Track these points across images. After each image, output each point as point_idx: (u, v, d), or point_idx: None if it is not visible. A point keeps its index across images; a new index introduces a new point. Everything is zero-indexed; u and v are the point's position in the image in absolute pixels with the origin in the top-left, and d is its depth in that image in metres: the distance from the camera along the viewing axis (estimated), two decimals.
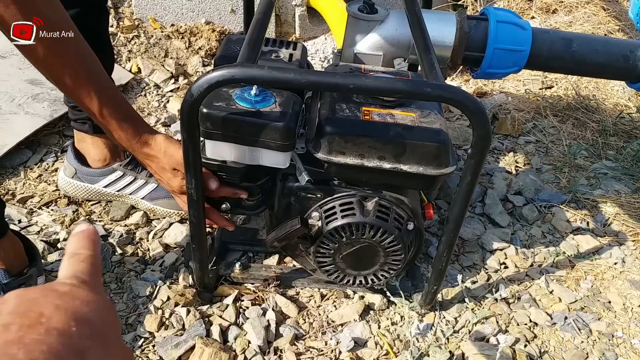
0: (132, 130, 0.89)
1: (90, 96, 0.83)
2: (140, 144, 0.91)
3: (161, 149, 0.91)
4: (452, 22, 1.16)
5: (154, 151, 0.92)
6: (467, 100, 0.77)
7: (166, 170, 0.92)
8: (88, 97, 0.83)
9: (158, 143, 0.92)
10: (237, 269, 1.10)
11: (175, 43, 1.89)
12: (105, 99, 0.85)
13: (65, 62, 0.80)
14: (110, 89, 0.88)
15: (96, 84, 0.84)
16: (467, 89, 1.92)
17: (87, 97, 0.83)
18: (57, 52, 0.78)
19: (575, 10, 2.29)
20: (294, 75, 0.76)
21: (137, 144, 0.90)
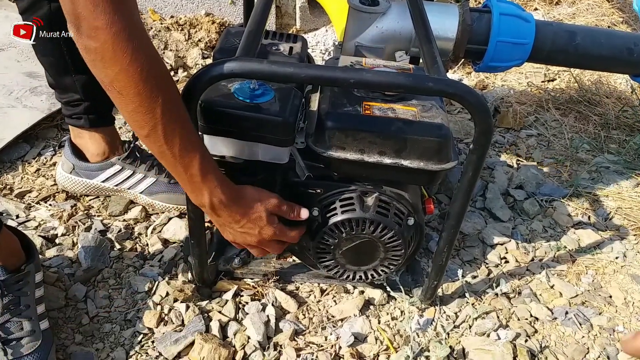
0: (227, 185, 0.82)
1: (193, 147, 0.76)
2: (235, 198, 0.83)
3: (255, 197, 0.86)
4: (455, 15, 1.15)
5: (248, 202, 0.85)
6: (470, 95, 0.76)
7: (262, 218, 0.86)
8: (190, 148, 0.76)
9: (250, 193, 0.86)
10: (236, 264, 1.10)
11: (174, 35, 1.88)
12: (205, 149, 0.79)
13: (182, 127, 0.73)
14: (202, 141, 0.81)
15: (197, 133, 0.78)
16: (468, 82, 1.90)
17: (189, 147, 0.75)
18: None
19: (578, 2, 2.27)
20: (293, 69, 0.75)
21: (231, 199, 0.82)
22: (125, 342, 0.99)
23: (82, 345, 0.97)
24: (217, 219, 0.86)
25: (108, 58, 0.65)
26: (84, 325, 1.00)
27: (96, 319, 1.02)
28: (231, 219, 0.85)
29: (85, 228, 1.19)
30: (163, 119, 0.71)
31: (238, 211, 0.85)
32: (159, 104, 0.70)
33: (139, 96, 0.68)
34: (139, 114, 0.70)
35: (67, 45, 1.06)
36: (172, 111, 0.72)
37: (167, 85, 0.72)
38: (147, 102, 0.69)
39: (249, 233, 0.88)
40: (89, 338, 0.99)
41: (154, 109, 0.70)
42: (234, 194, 0.83)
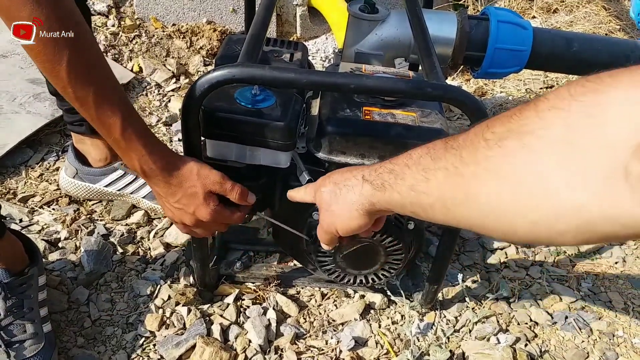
0: (159, 152, 0.77)
1: (112, 112, 0.71)
2: (168, 167, 0.78)
3: (193, 170, 0.79)
4: (453, 22, 1.16)
5: (185, 174, 0.79)
6: (468, 100, 0.77)
7: (198, 195, 0.80)
8: (109, 114, 0.71)
9: (188, 165, 0.80)
10: (237, 268, 1.10)
11: (176, 42, 1.90)
12: (127, 115, 0.74)
13: (87, 74, 0.69)
14: (129, 102, 0.76)
15: (118, 98, 0.73)
16: (467, 89, 1.92)
17: (108, 113, 0.71)
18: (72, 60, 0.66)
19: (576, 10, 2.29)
20: (294, 75, 0.76)
21: (162, 167, 0.77)
22: (127, 345, 0.99)
23: (84, 348, 0.98)
24: (155, 189, 0.81)
25: (4, 9, 0.61)
26: (86, 329, 1.01)
27: (98, 322, 1.03)
28: (166, 190, 0.79)
29: (88, 232, 1.20)
30: (70, 82, 0.66)
31: (172, 182, 0.78)
32: (63, 66, 0.65)
33: (40, 56, 0.64)
34: (46, 73, 0.67)
35: None
36: (81, 72, 0.67)
37: (75, 45, 0.66)
38: (50, 64, 0.65)
39: (184, 210, 0.81)
40: (91, 341, 0.99)
41: (58, 71, 0.65)
42: (167, 162, 0.78)
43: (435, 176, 0.50)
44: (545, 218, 0.41)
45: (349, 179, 0.65)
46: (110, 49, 1.81)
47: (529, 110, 0.42)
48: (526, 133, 0.41)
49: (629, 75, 0.36)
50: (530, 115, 0.41)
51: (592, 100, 0.37)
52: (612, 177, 0.35)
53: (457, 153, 0.48)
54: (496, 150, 0.43)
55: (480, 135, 0.45)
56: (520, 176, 0.41)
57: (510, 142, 0.42)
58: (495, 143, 0.43)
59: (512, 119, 0.43)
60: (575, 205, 0.38)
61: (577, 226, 0.39)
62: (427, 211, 0.52)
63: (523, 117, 0.42)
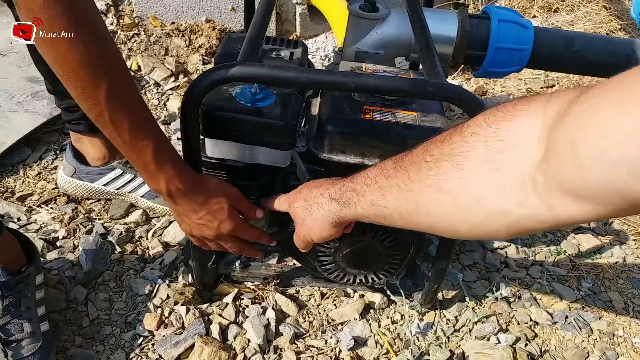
0: (186, 173, 0.78)
1: (145, 136, 0.72)
2: (194, 187, 0.79)
3: (217, 188, 0.82)
4: (454, 21, 1.16)
5: (210, 192, 0.81)
6: (469, 99, 0.77)
7: (224, 210, 0.82)
8: (142, 137, 0.72)
9: (212, 183, 0.82)
10: (236, 267, 1.10)
11: (175, 41, 1.89)
12: (159, 137, 0.75)
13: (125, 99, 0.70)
14: (157, 124, 0.76)
15: (150, 120, 0.74)
16: (468, 88, 1.91)
17: (141, 136, 0.72)
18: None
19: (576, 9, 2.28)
20: (294, 73, 0.76)
21: (189, 187, 0.78)
22: (125, 344, 0.99)
23: (82, 347, 0.97)
24: (175, 207, 0.82)
25: (44, 43, 0.61)
26: (84, 328, 1.01)
27: (96, 321, 1.02)
28: (190, 208, 0.81)
29: (86, 231, 1.19)
30: (108, 105, 0.67)
31: (197, 201, 0.80)
32: (102, 92, 0.66)
33: (79, 82, 0.65)
34: (82, 99, 0.67)
35: None
36: (118, 98, 0.68)
37: (113, 72, 0.68)
38: (89, 90, 0.66)
39: (207, 225, 0.83)
40: (89, 340, 0.99)
41: (97, 97, 0.66)
42: (193, 182, 0.79)
43: (390, 192, 0.61)
44: (480, 221, 0.51)
45: (317, 197, 0.74)
46: None
47: (455, 135, 0.53)
48: (456, 155, 0.52)
49: (527, 105, 0.47)
50: (457, 140, 0.52)
51: (503, 127, 0.48)
52: (524, 187, 0.46)
53: (405, 173, 0.59)
54: (435, 170, 0.54)
55: (422, 157, 0.56)
56: (456, 190, 0.52)
57: (445, 163, 0.53)
58: (434, 164, 0.54)
59: (444, 143, 0.54)
60: (501, 210, 0.48)
61: (506, 225, 0.49)
62: (387, 219, 0.64)
63: (452, 141, 0.53)
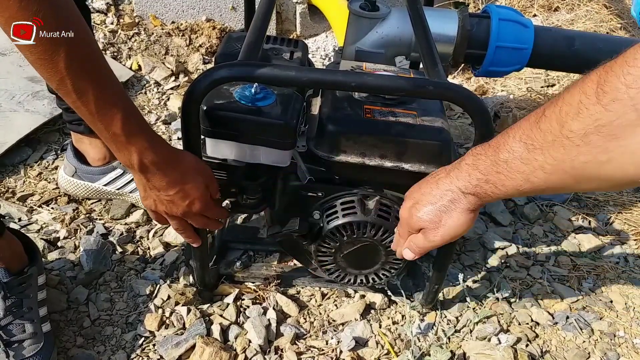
0: (159, 144, 0.74)
1: (113, 104, 0.69)
2: (169, 160, 0.76)
3: (192, 164, 0.79)
4: (454, 20, 1.16)
5: (186, 168, 0.78)
6: (470, 99, 0.76)
7: (199, 188, 0.80)
8: (109, 106, 0.68)
9: (189, 159, 0.79)
10: (237, 267, 1.10)
11: (175, 40, 1.89)
12: (128, 107, 0.71)
13: (86, 68, 0.66)
14: (127, 95, 0.73)
15: (118, 90, 0.70)
16: (468, 87, 1.91)
17: (108, 105, 0.68)
18: (68, 55, 0.63)
19: (577, 8, 2.28)
20: (295, 73, 0.76)
21: (164, 160, 0.75)
22: (126, 345, 0.99)
23: (83, 348, 0.97)
24: (145, 183, 0.78)
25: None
26: (85, 328, 1.00)
27: (97, 322, 1.02)
28: (163, 183, 0.77)
29: (87, 231, 1.19)
30: (69, 74, 0.63)
31: (172, 177, 0.77)
32: (61, 57, 0.61)
33: (34, 47, 0.60)
34: (39, 66, 0.63)
35: None
36: (80, 65, 0.63)
37: (73, 36, 0.62)
38: (46, 55, 0.61)
39: (176, 203, 0.80)
40: (90, 341, 0.99)
41: (56, 63, 0.61)
42: (168, 156, 0.76)
43: (537, 175, 0.57)
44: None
45: (445, 196, 0.70)
46: (109, 47, 1.80)
47: (593, 106, 0.49)
48: (603, 126, 0.49)
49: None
50: (598, 110, 0.49)
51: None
52: None
53: (545, 153, 0.55)
54: (585, 146, 0.51)
55: (559, 134, 0.53)
56: (618, 157, 0.50)
57: (594, 137, 0.50)
58: (581, 140, 0.51)
59: (580, 115, 0.50)
60: None
61: None
62: (537, 192, 0.63)
63: (592, 112, 0.49)
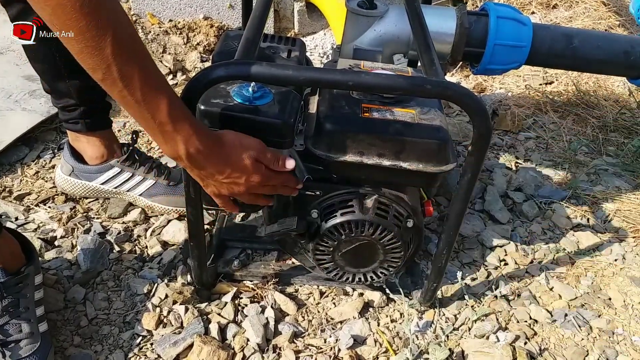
0: (202, 130, 0.74)
1: (159, 91, 0.68)
2: (213, 145, 0.75)
3: (235, 142, 0.78)
4: (452, 18, 1.15)
5: (229, 148, 0.77)
6: (468, 97, 0.76)
7: (247, 165, 0.78)
8: (156, 92, 0.68)
9: (230, 138, 0.78)
10: (235, 266, 1.10)
11: (173, 39, 1.88)
12: (172, 92, 0.70)
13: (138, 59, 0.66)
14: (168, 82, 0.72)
15: (161, 75, 0.70)
16: (467, 85, 1.91)
17: (154, 92, 0.68)
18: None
19: (575, 6, 2.28)
20: (292, 71, 0.75)
21: (208, 145, 0.74)
22: (124, 344, 0.98)
23: (80, 347, 0.97)
24: (198, 172, 0.79)
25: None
26: (82, 328, 1.00)
27: (95, 321, 1.02)
28: (213, 169, 0.77)
29: (84, 230, 1.19)
30: (116, 59, 0.63)
31: (220, 160, 0.77)
32: (108, 42, 0.61)
33: (82, 34, 0.60)
34: (86, 55, 0.62)
35: (59, 51, 1.05)
36: (126, 50, 0.64)
37: (118, 20, 0.63)
38: (94, 41, 0.61)
39: (236, 182, 0.80)
40: (87, 340, 0.99)
41: (103, 49, 0.62)
42: (213, 140, 0.76)
43: None
44: None
45: None
46: None
47: None
48: None
49: None
50: None
51: None
52: None
53: None
54: None
55: None
56: None
57: None
58: None
59: None
60: None
61: None
62: None
63: None
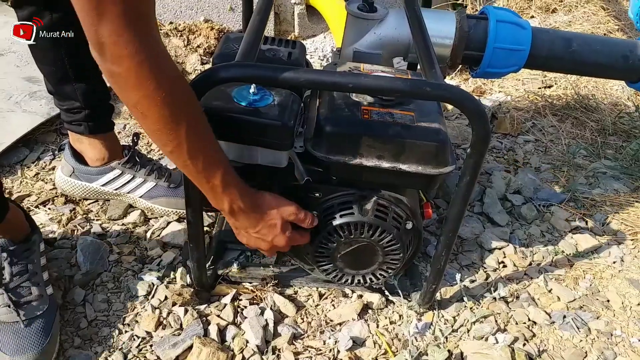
0: (247, 193, 0.84)
1: (219, 162, 0.78)
2: (253, 205, 0.86)
3: (272, 204, 0.88)
4: (452, 21, 1.16)
5: (266, 209, 0.87)
6: (467, 100, 0.77)
7: (277, 226, 0.89)
8: (216, 164, 0.78)
9: (268, 200, 0.88)
10: (235, 268, 1.10)
11: (173, 41, 1.89)
12: (227, 163, 0.80)
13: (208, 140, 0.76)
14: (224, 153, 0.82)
15: (223, 155, 0.80)
16: (466, 88, 1.91)
17: (216, 163, 0.78)
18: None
19: (574, 10, 2.29)
20: (292, 74, 0.76)
21: (250, 206, 0.85)
22: (123, 346, 0.98)
23: (81, 348, 0.97)
24: (235, 223, 0.89)
25: (131, 84, 0.65)
26: (82, 329, 1.00)
27: (94, 322, 1.02)
28: (248, 223, 0.88)
29: (84, 232, 1.19)
30: (187, 139, 0.72)
31: (255, 217, 0.87)
32: (183, 126, 0.71)
33: (163, 119, 0.69)
34: (162, 134, 0.71)
35: (69, 55, 1.06)
36: (196, 132, 0.73)
37: (192, 107, 0.73)
38: (171, 125, 0.70)
39: (263, 239, 0.91)
40: (87, 342, 0.99)
41: (178, 131, 0.71)
42: (253, 201, 0.86)
43: None
44: None
45: None
46: None
47: None
48: None
49: None
50: None
51: None
52: None
53: None
54: None
55: None
56: None
57: None
58: None
59: None
60: None
61: None
62: None
63: None
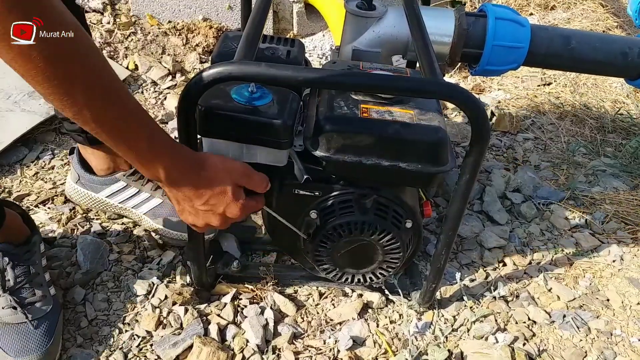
0: (184, 155, 0.73)
1: (139, 131, 0.67)
2: (195, 169, 0.74)
3: (218, 166, 0.76)
4: (451, 19, 1.16)
5: (211, 173, 0.75)
6: (466, 98, 0.77)
7: (227, 192, 0.77)
8: (132, 133, 0.67)
9: (212, 162, 0.76)
10: (235, 267, 1.10)
11: (172, 40, 1.88)
12: (152, 123, 0.69)
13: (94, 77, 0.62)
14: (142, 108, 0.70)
15: (140, 115, 0.69)
16: (465, 86, 1.91)
17: (133, 126, 0.66)
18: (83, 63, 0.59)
19: (573, 7, 2.29)
20: (291, 72, 0.76)
21: (189, 170, 0.73)
22: (123, 345, 0.98)
23: (82, 347, 0.97)
24: (176, 194, 0.76)
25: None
26: (82, 329, 1.00)
27: (95, 322, 1.02)
28: (192, 193, 0.75)
29: (84, 231, 1.19)
30: (88, 103, 0.60)
31: (200, 182, 0.75)
32: (78, 90, 0.58)
33: (49, 82, 0.57)
34: (56, 101, 0.59)
35: None
36: (100, 96, 0.61)
37: (89, 67, 0.59)
38: (62, 89, 0.58)
39: (213, 210, 0.78)
40: (87, 341, 0.99)
41: (73, 95, 0.58)
42: (194, 163, 0.74)
43: None
44: None
45: None
46: (106, 47, 1.79)
47: None
48: None
49: None
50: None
51: None
52: None
53: None
54: None
55: None
56: None
57: None
58: None
59: None
60: None
61: None
62: None
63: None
